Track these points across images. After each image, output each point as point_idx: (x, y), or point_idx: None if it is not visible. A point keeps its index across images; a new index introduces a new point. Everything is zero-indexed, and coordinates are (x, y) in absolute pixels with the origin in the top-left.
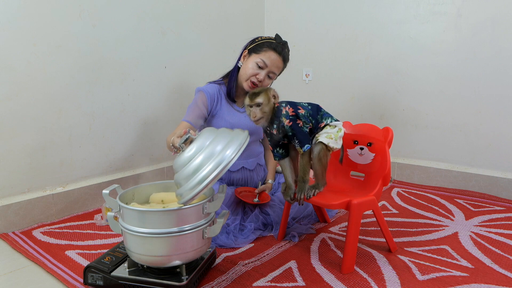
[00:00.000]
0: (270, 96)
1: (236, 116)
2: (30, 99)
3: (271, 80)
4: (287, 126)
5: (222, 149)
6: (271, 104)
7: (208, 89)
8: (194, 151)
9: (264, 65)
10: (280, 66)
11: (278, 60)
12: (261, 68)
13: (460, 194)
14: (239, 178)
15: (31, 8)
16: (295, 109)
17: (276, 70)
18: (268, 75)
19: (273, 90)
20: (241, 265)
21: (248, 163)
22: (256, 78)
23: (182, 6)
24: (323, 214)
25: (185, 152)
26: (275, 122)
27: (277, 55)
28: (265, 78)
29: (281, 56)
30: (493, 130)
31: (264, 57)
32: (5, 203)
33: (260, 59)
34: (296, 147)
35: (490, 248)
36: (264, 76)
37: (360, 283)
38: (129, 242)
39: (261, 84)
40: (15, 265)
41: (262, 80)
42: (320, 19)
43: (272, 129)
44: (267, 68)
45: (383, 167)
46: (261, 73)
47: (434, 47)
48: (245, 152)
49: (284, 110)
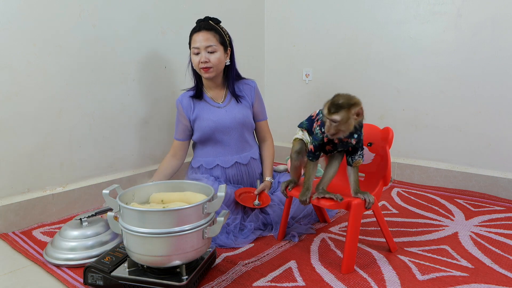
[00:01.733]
0: (351, 116)
1: (214, 112)
2: (30, 99)
3: (217, 54)
4: (359, 138)
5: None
6: (350, 122)
7: (182, 100)
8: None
9: (197, 49)
10: (209, 37)
11: (202, 34)
12: (197, 54)
13: (460, 194)
14: (234, 174)
15: (31, 8)
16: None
17: (207, 42)
18: (208, 51)
19: (360, 107)
20: (241, 265)
21: (241, 158)
22: (201, 64)
23: (182, 6)
24: (323, 214)
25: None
26: (357, 132)
27: (198, 33)
28: (207, 57)
29: (202, 31)
30: (493, 130)
31: (193, 44)
32: (5, 203)
33: (192, 48)
34: (358, 159)
35: (490, 248)
36: (205, 56)
37: (360, 283)
38: (129, 242)
39: (211, 63)
40: (15, 265)
41: (206, 60)
42: (320, 19)
43: (351, 139)
44: (200, 49)
45: (383, 167)
46: (201, 56)
47: (434, 47)
48: (237, 146)
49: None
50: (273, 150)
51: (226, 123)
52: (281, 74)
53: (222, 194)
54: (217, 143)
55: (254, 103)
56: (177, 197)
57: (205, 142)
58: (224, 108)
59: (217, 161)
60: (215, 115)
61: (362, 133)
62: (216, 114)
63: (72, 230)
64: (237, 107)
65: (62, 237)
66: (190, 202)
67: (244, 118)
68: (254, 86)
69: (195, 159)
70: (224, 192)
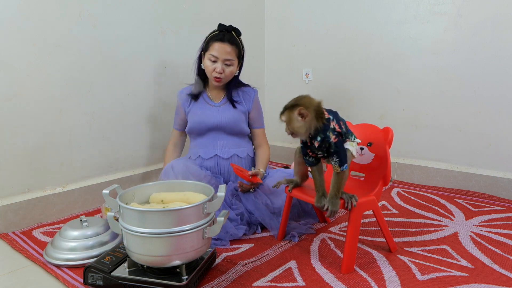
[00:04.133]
0: (294, 116)
1: (208, 110)
2: (30, 99)
3: (232, 67)
4: (332, 142)
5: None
6: (297, 123)
7: (181, 93)
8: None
9: (215, 58)
10: (230, 51)
11: (225, 47)
12: (215, 62)
13: (460, 194)
14: (212, 166)
15: (31, 8)
16: (339, 125)
17: (228, 56)
18: (225, 64)
19: (301, 108)
20: (241, 265)
21: (223, 152)
22: (216, 72)
23: (182, 6)
24: (323, 214)
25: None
26: (319, 135)
27: (221, 43)
28: (223, 68)
29: (225, 42)
30: (493, 130)
31: (212, 51)
32: (5, 203)
33: (210, 54)
34: (333, 164)
35: (490, 248)
36: (222, 67)
37: (360, 283)
38: (129, 242)
39: (224, 75)
40: (15, 265)
41: (221, 71)
42: (320, 19)
43: (315, 141)
44: (219, 59)
45: (383, 167)
46: (217, 66)
47: (434, 47)
48: (222, 141)
49: (331, 124)
50: (269, 153)
51: (215, 121)
52: (281, 74)
53: (222, 194)
54: (213, 136)
55: (250, 111)
56: (177, 197)
57: (199, 134)
58: (217, 108)
59: (215, 151)
60: (206, 111)
61: (332, 137)
62: (207, 111)
63: (72, 230)
64: (230, 110)
65: (62, 237)
66: (190, 202)
67: (234, 121)
68: (253, 95)
69: (192, 150)
70: (224, 192)
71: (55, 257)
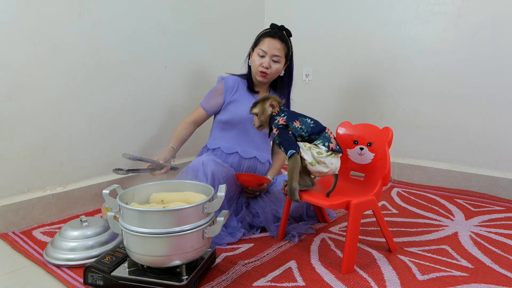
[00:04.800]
0: (266, 107)
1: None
2: (30, 99)
3: (279, 64)
4: (274, 134)
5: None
6: (266, 114)
7: (228, 79)
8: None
9: (264, 52)
10: (280, 47)
11: (275, 43)
12: (263, 57)
13: (460, 194)
14: (248, 167)
15: (31, 8)
16: (289, 121)
17: (277, 52)
18: (273, 60)
19: (273, 99)
20: (241, 265)
21: (260, 156)
22: (262, 67)
23: (182, 6)
24: (323, 214)
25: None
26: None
27: (272, 39)
28: (271, 64)
29: (276, 39)
30: (493, 130)
31: (262, 46)
32: (5, 203)
33: (259, 49)
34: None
35: (490, 248)
36: (269, 62)
37: (360, 283)
38: (129, 242)
39: (271, 70)
40: (15, 265)
41: (268, 66)
42: (320, 19)
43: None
44: (267, 54)
45: (383, 167)
46: (265, 60)
47: (434, 47)
48: (259, 143)
49: (277, 120)
50: (283, 160)
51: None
52: None
53: (222, 194)
54: (242, 132)
55: None
56: (177, 197)
57: (231, 126)
58: None
59: (237, 149)
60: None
61: (274, 130)
62: None
63: (72, 230)
64: None
65: (62, 237)
66: (190, 202)
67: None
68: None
69: (213, 141)
70: (224, 192)
71: (55, 257)
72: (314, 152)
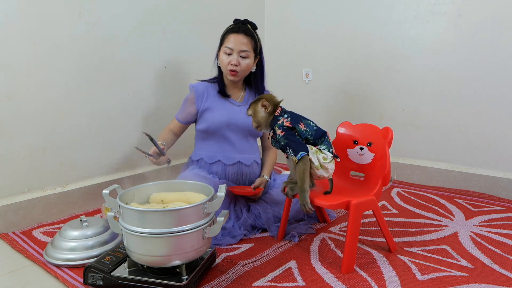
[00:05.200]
0: (258, 108)
1: (231, 109)
2: (30, 99)
3: (248, 60)
4: (279, 135)
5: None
6: (260, 115)
7: (197, 87)
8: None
9: (230, 50)
10: (246, 42)
11: (240, 37)
12: (230, 54)
13: (460, 194)
14: (234, 172)
15: (31, 8)
16: (294, 123)
17: (244, 47)
18: (241, 56)
19: (264, 100)
20: (241, 265)
21: (244, 159)
22: (231, 65)
23: (182, 6)
24: (323, 214)
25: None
26: (272, 129)
27: (236, 35)
28: (239, 61)
29: (241, 34)
30: (493, 130)
31: (228, 43)
32: (5, 203)
33: (225, 47)
34: (290, 156)
35: (490, 248)
36: (237, 59)
37: (360, 283)
38: (129, 242)
39: (240, 67)
40: (15, 265)
41: (237, 63)
42: (320, 19)
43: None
44: (234, 51)
45: (383, 167)
46: (232, 58)
47: (434, 47)
48: (241, 147)
49: (281, 121)
50: (276, 156)
51: (238, 122)
52: (281, 74)
53: (222, 194)
54: (222, 139)
55: None
56: (177, 197)
57: (210, 135)
58: (239, 107)
59: (219, 157)
60: (230, 111)
61: (277, 131)
62: (231, 110)
63: (72, 230)
64: None
65: (62, 237)
66: (190, 202)
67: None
68: None
69: (196, 152)
70: (224, 192)
71: (55, 257)
72: (320, 156)
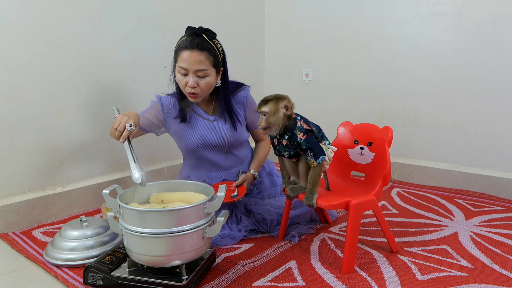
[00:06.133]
0: (280, 107)
1: (203, 128)
2: (30, 99)
3: (208, 78)
4: (300, 139)
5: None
6: (279, 115)
7: (164, 99)
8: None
9: (185, 70)
10: (202, 59)
11: (194, 55)
12: (185, 75)
13: (460, 194)
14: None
15: (31, 8)
16: (308, 124)
17: (199, 66)
18: (198, 76)
19: (287, 100)
20: (241, 265)
21: (230, 174)
22: (189, 88)
23: (182, 6)
24: (324, 215)
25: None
26: (287, 133)
27: (188, 51)
28: (197, 82)
29: (194, 50)
30: (493, 130)
31: (181, 62)
32: (5, 203)
33: (178, 66)
34: (309, 160)
35: (490, 248)
36: (194, 81)
37: (360, 283)
38: (129, 242)
39: (200, 89)
40: (15, 265)
41: (194, 85)
42: (320, 19)
43: (283, 140)
44: (189, 71)
45: (383, 167)
46: (189, 79)
47: (434, 47)
48: (225, 163)
49: (299, 123)
50: (268, 148)
51: (213, 141)
52: (281, 74)
53: (222, 194)
54: (201, 159)
55: (247, 116)
56: (177, 197)
57: (189, 154)
58: (213, 123)
59: (204, 177)
60: (201, 130)
61: (299, 135)
62: (202, 129)
63: (72, 230)
64: (227, 125)
65: (62, 237)
66: (190, 202)
67: (235, 137)
68: (246, 99)
69: (184, 168)
70: (224, 192)
71: (55, 257)
72: (328, 152)
